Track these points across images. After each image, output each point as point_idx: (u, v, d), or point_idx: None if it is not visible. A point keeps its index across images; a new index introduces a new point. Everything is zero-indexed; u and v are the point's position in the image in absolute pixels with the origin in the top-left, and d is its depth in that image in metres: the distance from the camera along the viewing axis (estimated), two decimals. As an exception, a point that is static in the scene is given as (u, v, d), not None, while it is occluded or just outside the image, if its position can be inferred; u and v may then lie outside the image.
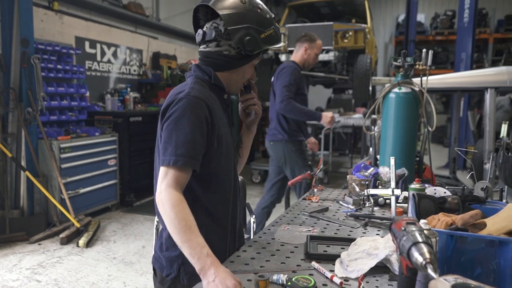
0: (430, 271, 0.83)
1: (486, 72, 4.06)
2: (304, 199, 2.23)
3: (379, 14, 14.24)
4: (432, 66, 2.48)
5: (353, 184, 2.18)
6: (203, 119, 1.30)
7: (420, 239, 0.88)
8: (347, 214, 1.92)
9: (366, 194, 2.02)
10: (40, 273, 3.40)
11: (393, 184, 1.88)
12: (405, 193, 2.02)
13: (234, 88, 1.48)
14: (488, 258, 1.10)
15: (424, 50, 2.50)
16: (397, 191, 1.87)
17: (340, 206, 2.09)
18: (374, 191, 2.01)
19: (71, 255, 3.77)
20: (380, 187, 2.14)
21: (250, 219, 2.30)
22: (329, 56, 6.23)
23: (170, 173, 1.24)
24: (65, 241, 4.01)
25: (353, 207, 2.03)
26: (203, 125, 1.30)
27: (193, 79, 1.42)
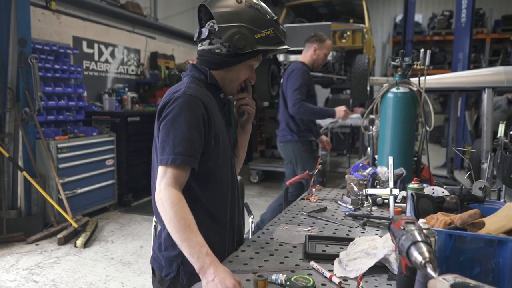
0: (429, 270, 0.83)
1: (483, 72, 4.07)
2: (302, 199, 2.23)
3: (377, 14, 14.27)
4: (430, 66, 2.49)
5: (351, 184, 2.18)
6: (200, 117, 1.30)
7: (419, 238, 0.88)
8: (346, 213, 1.92)
9: (364, 193, 2.02)
10: (37, 273, 3.39)
11: (391, 183, 1.89)
12: (403, 192, 2.02)
13: (229, 88, 1.48)
14: (487, 257, 1.10)
15: (422, 50, 2.50)
16: (395, 191, 1.87)
17: (338, 206, 2.09)
18: (372, 191, 2.01)
19: (69, 256, 3.75)
20: (378, 187, 2.15)
21: (249, 219, 2.30)
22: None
23: (169, 172, 1.24)
24: (62, 241, 3.99)
25: (351, 207, 2.03)
26: (200, 123, 1.30)
27: (189, 79, 1.43)
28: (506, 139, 2.01)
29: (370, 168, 2.25)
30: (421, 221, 1.04)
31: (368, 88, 6.02)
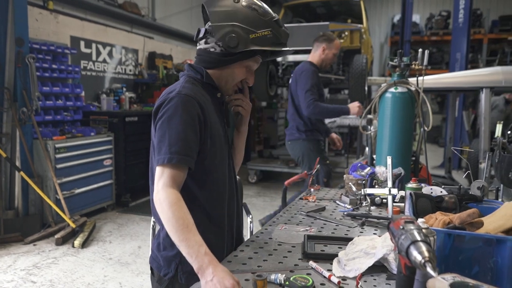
0: (429, 270, 0.82)
1: (481, 72, 4.08)
2: (301, 199, 2.23)
3: (375, 14, 14.29)
4: (428, 66, 2.49)
5: (349, 183, 2.18)
6: (195, 117, 1.30)
7: (418, 238, 0.88)
8: (344, 213, 1.92)
9: (363, 193, 2.02)
10: (35, 274, 3.38)
11: (390, 183, 1.89)
12: (401, 192, 2.02)
13: (225, 87, 1.47)
14: (485, 256, 1.10)
15: (420, 50, 2.51)
16: (394, 191, 1.87)
17: (337, 206, 2.09)
18: (371, 191, 2.02)
19: (67, 256, 3.74)
20: (376, 187, 2.15)
21: (248, 219, 2.29)
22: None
23: (166, 172, 1.24)
24: (60, 241, 3.98)
25: (350, 207, 2.03)
26: (195, 122, 1.30)
27: (185, 78, 1.43)
28: (504, 139, 2.02)
29: (369, 168, 2.25)
30: (420, 220, 1.04)
31: (366, 88, 6.03)
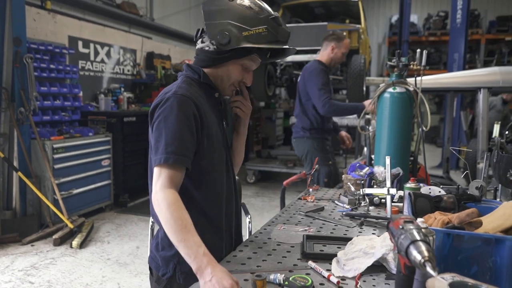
0: (428, 269, 0.83)
1: (479, 72, 4.09)
2: (299, 199, 2.23)
3: (373, 15, 14.31)
4: (426, 66, 2.50)
5: (348, 183, 2.18)
6: (191, 117, 1.30)
7: (418, 237, 0.88)
8: (343, 213, 1.92)
9: (361, 193, 2.03)
10: (33, 274, 3.36)
11: (388, 183, 1.89)
12: (400, 192, 2.02)
13: (222, 87, 1.46)
14: (484, 256, 1.10)
15: (418, 50, 2.51)
16: (392, 191, 1.87)
17: (335, 206, 2.09)
18: (370, 191, 2.02)
19: (65, 256, 3.73)
20: (375, 187, 2.15)
21: (246, 219, 2.29)
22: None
23: (164, 172, 1.24)
24: (58, 242, 3.97)
25: (348, 207, 2.03)
26: (192, 122, 1.30)
27: (182, 79, 1.43)
28: (502, 139, 2.03)
29: (367, 168, 2.25)
30: (419, 220, 1.04)
31: (364, 88, 6.03)
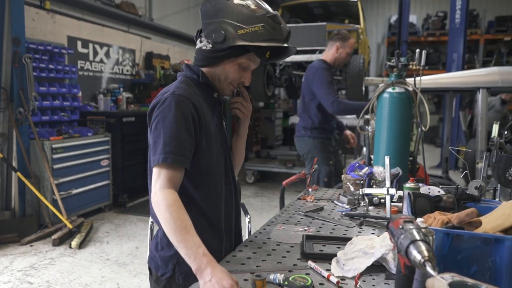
0: (429, 269, 0.83)
1: (478, 72, 4.10)
2: (299, 199, 2.23)
3: (371, 15, 14.32)
4: (425, 67, 2.50)
5: (348, 183, 2.18)
6: (189, 117, 1.30)
7: (418, 237, 0.88)
8: (342, 213, 1.92)
9: (361, 193, 2.03)
10: (32, 275, 3.36)
11: (388, 183, 1.89)
12: (399, 192, 2.03)
13: (220, 86, 1.45)
14: (484, 256, 1.10)
15: (417, 51, 2.51)
16: (392, 190, 1.87)
17: (335, 206, 2.09)
18: (369, 191, 2.02)
19: (64, 257, 3.73)
20: (374, 187, 2.15)
21: (246, 219, 2.29)
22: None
23: (163, 173, 1.24)
24: (57, 242, 3.97)
25: (348, 207, 2.03)
26: (190, 122, 1.30)
27: (181, 79, 1.43)
28: (501, 139, 2.03)
29: (367, 168, 2.25)
30: (419, 220, 1.05)
31: (363, 88, 6.04)
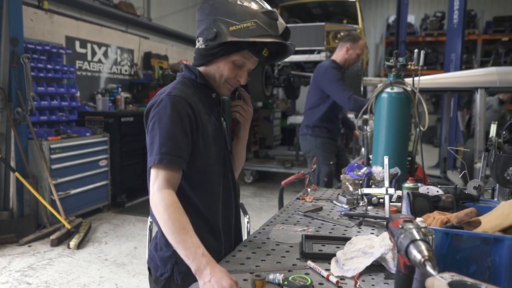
0: (428, 269, 0.83)
1: (476, 72, 4.11)
2: (297, 199, 2.23)
3: (370, 15, 14.34)
4: (424, 67, 2.50)
5: (346, 183, 2.19)
6: (185, 117, 1.29)
7: (418, 237, 0.88)
8: (341, 213, 1.92)
9: (359, 193, 2.03)
10: (30, 275, 3.35)
11: (386, 183, 1.89)
12: (398, 192, 2.03)
13: (216, 86, 1.43)
14: (483, 255, 1.11)
15: (416, 51, 2.51)
16: (390, 190, 1.87)
17: (334, 206, 2.09)
18: (368, 190, 2.02)
19: (62, 257, 3.72)
20: (373, 186, 2.15)
21: (245, 219, 2.29)
22: (320, 56, 6.22)
23: (160, 174, 1.24)
24: (55, 242, 3.96)
25: (347, 207, 2.03)
26: (186, 123, 1.29)
27: (179, 79, 1.43)
28: (499, 139, 2.03)
29: (365, 168, 2.25)
30: (418, 219, 1.05)
31: (362, 88, 6.05)
